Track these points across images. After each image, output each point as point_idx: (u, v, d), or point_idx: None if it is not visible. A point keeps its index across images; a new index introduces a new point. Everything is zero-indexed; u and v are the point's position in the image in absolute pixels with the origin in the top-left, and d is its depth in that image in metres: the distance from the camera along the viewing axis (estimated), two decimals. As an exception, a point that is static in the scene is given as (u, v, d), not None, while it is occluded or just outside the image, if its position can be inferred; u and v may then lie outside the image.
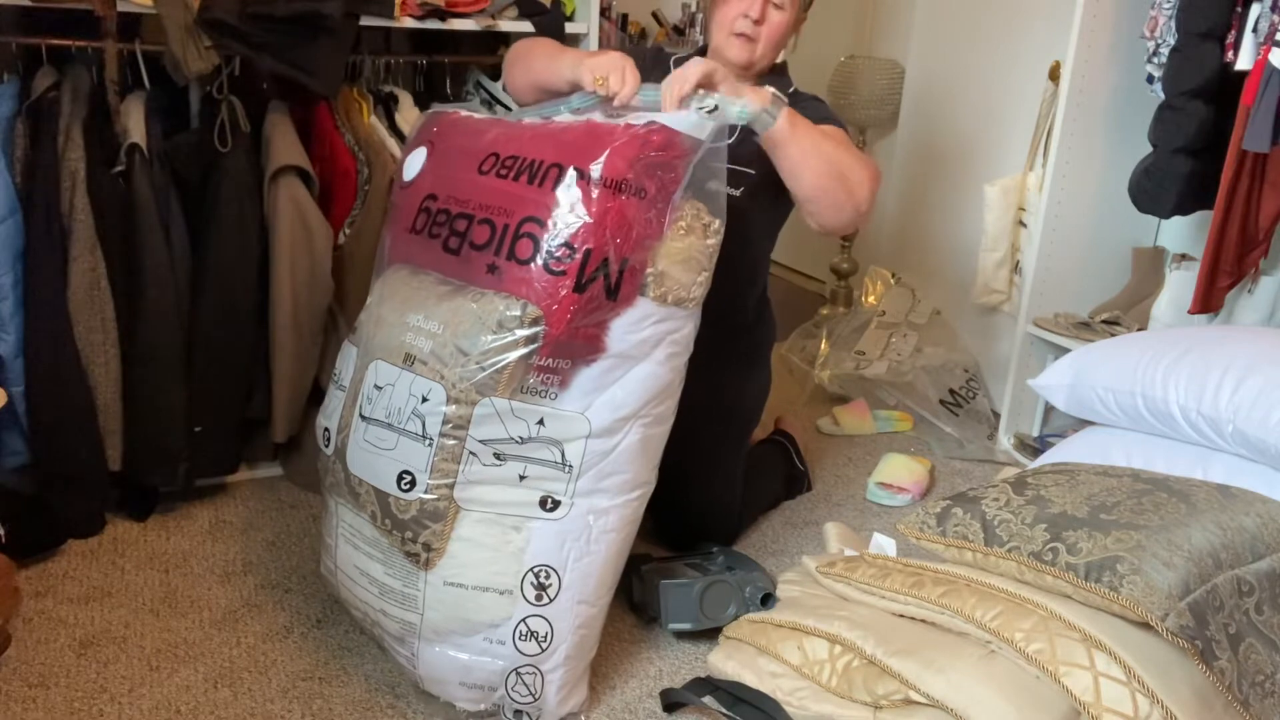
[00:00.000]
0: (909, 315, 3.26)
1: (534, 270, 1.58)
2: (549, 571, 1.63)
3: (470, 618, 1.62)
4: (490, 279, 1.61)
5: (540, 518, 1.62)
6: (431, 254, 1.72)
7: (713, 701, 1.73)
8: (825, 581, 1.79)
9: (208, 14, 2.01)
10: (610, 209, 1.58)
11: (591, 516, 1.65)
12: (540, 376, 1.58)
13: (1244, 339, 1.93)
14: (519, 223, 1.61)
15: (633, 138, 1.59)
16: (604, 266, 1.57)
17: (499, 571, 1.61)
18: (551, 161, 1.63)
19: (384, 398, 1.66)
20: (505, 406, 1.58)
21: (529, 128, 1.74)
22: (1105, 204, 2.66)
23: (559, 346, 1.57)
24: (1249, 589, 1.44)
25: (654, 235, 1.61)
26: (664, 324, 1.65)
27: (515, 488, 1.61)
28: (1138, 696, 1.35)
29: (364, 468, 1.66)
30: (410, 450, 1.60)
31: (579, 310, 1.57)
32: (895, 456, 2.65)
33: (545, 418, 1.59)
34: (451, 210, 1.71)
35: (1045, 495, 1.62)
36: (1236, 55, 2.17)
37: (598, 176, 1.58)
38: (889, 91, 3.39)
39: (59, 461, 2.07)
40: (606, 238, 1.57)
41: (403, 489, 1.61)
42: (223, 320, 2.16)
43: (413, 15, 2.26)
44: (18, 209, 1.98)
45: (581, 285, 1.57)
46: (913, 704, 1.50)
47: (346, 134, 2.28)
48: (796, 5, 1.99)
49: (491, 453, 1.59)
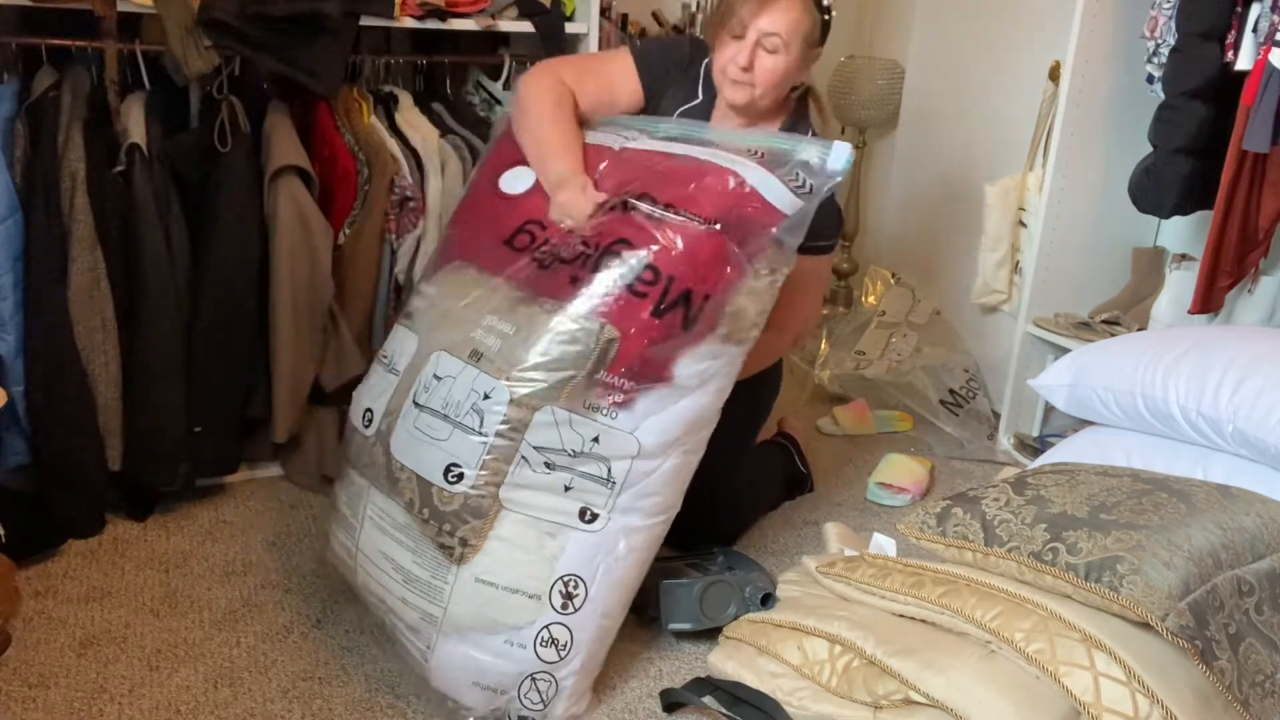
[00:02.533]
0: (909, 315, 3.26)
1: (616, 289, 1.62)
2: (578, 581, 1.64)
3: (496, 617, 1.62)
4: (570, 289, 1.64)
5: (578, 528, 1.63)
6: (511, 264, 1.74)
7: (713, 701, 1.73)
8: (825, 581, 1.79)
9: (208, 14, 2.01)
10: (702, 245, 1.63)
11: (624, 533, 1.67)
12: (604, 394, 1.61)
13: (1244, 339, 1.93)
14: (611, 242, 1.66)
15: (738, 185, 1.66)
16: (685, 298, 1.62)
17: (531, 575, 1.62)
18: (650, 191, 1.70)
19: (443, 389, 1.66)
20: (565, 417, 1.60)
21: (635, 156, 1.80)
22: (1105, 204, 2.66)
23: (629, 368, 1.61)
24: (1249, 589, 1.44)
25: (736, 278, 1.66)
26: (722, 359, 1.70)
27: (559, 496, 1.62)
28: (1138, 696, 1.34)
29: (410, 454, 1.66)
30: (463, 444, 1.61)
31: (654, 336, 1.61)
32: (895, 456, 2.65)
33: (600, 435, 1.62)
34: (553, 239, 1.75)
35: (1045, 495, 1.62)
36: (1236, 55, 2.17)
37: (691, 213, 1.64)
38: (889, 91, 3.38)
39: (59, 461, 2.07)
40: (693, 271, 1.62)
41: (449, 481, 1.61)
42: (223, 320, 2.15)
43: (413, 15, 2.25)
44: (18, 209, 1.98)
45: (660, 311, 1.61)
46: (913, 704, 1.50)
47: (346, 134, 2.28)
48: (799, 46, 1.88)
49: (543, 460, 1.61)
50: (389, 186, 2.27)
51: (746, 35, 1.86)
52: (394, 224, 2.31)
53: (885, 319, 3.25)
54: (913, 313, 3.26)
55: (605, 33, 2.61)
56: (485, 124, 2.53)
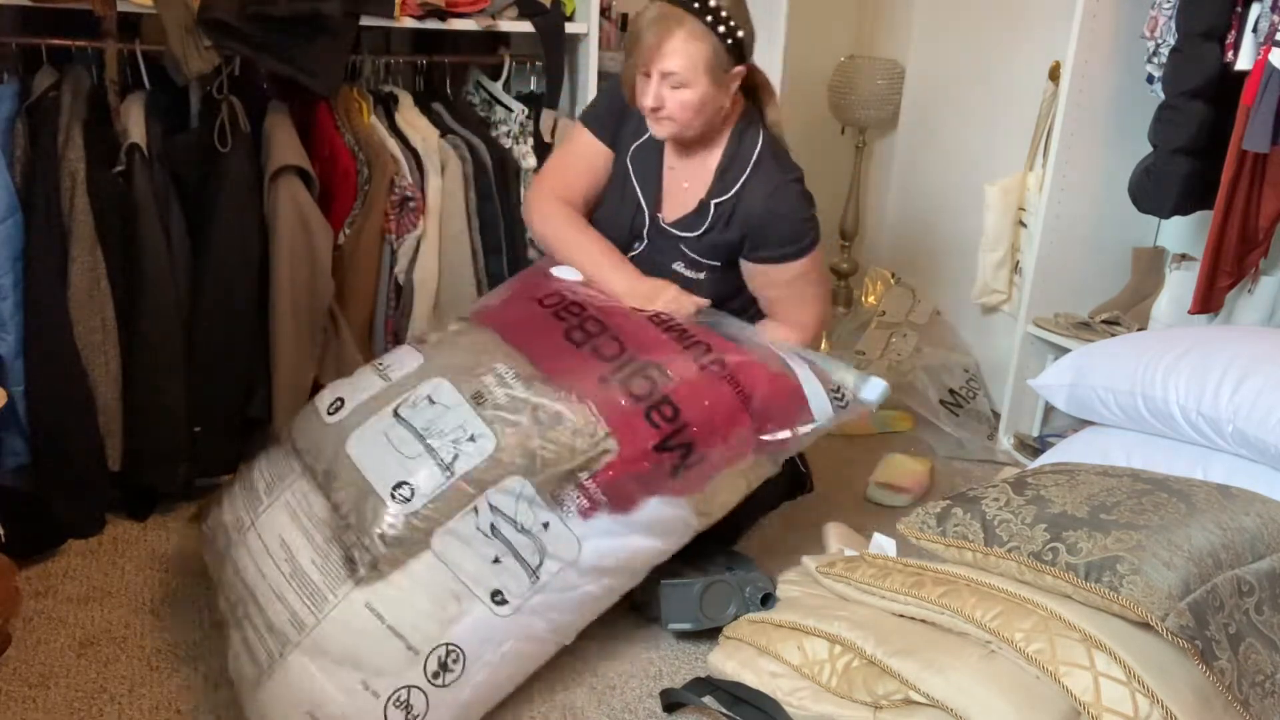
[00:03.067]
0: (909, 315, 3.26)
1: (635, 407, 1.65)
2: (460, 656, 1.57)
3: (365, 653, 1.52)
4: (594, 386, 1.67)
5: (485, 604, 1.59)
6: (536, 336, 1.76)
7: (713, 701, 1.73)
8: (825, 581, 1.79)
9: (208, 14, 2.01)
10: (727, 409, 1.68)
11: (521, 634, 1.63)
12: (575, 494, 1.63)
13: (1244, 339, 1.93)
14: (647, 363, 1.70)
15: (787, 377, 1.73)
16: (688, 448, 1.66)
17: (421, 627, 1.55)
18: (706, 340, 1.76)
19: (431, 413, 1.66)
20: (531, 494, 1.61)
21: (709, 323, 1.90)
22: (1105, 204, 2.66)
23: (608, 484, 1.63)
24: (1249, 589, 1.44)
25: (737, 456, 1.71)
26: (679, 525, 1.74)
27: (484, 565, 1.59)
28: (1138, 696, 1.34)
29: (368, 457, 1.63)
30: (426, 471, 1.59)
31: (645, 468, 1.65)
32: (895, 456, 2.65)
33: (552, 524, 1.62)
34: (587, 309, 1.80)
35: (1045, 495, 1.62)
36: (1236, 55, 2.17)
37: (731, 373, 1.70)
38: (889, 91, 3.38)
39: (59, 461, 2.07)
40: (708, 429, 1.67)
41: (394, 497, 1.58)
42: (223, 320, 2.15)
43: (413, 15, 2.25)
44: (18, 209, 1.98)
45: (662, 448, 1.65)
46: (913, 704, 1.50)
47: (346, 134, 2.28)
48: (705, 77, 1.81)
49: (490, 522, 1.59)
50: (389, 186, 2.27)
51: (651, 74, 1.83)
52: (394, 224, 2.31)
53: (885, 319, 3.25)
54: (913, 313, 3.26)
55: (605, 33, 2.61)
56: (485, 124, 2.53)
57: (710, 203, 1.97)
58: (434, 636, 1.55)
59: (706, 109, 1.87)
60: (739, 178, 1.94)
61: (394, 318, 2.38)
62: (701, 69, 1.81)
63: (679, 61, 1.80)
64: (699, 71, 1.81)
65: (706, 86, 1.83)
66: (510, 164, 2.45)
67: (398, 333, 2.38)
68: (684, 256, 2.02)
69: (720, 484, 1.74)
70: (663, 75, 1.82)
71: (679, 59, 1.80)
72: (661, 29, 1.79)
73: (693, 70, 1.81)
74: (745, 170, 1.94)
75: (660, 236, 2.04)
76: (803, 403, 1.76)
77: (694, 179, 1.99)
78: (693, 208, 1.99)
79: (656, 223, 2.04)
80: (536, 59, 2.51)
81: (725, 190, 1.95)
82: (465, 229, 2.39)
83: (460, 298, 2.39)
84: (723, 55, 1.82)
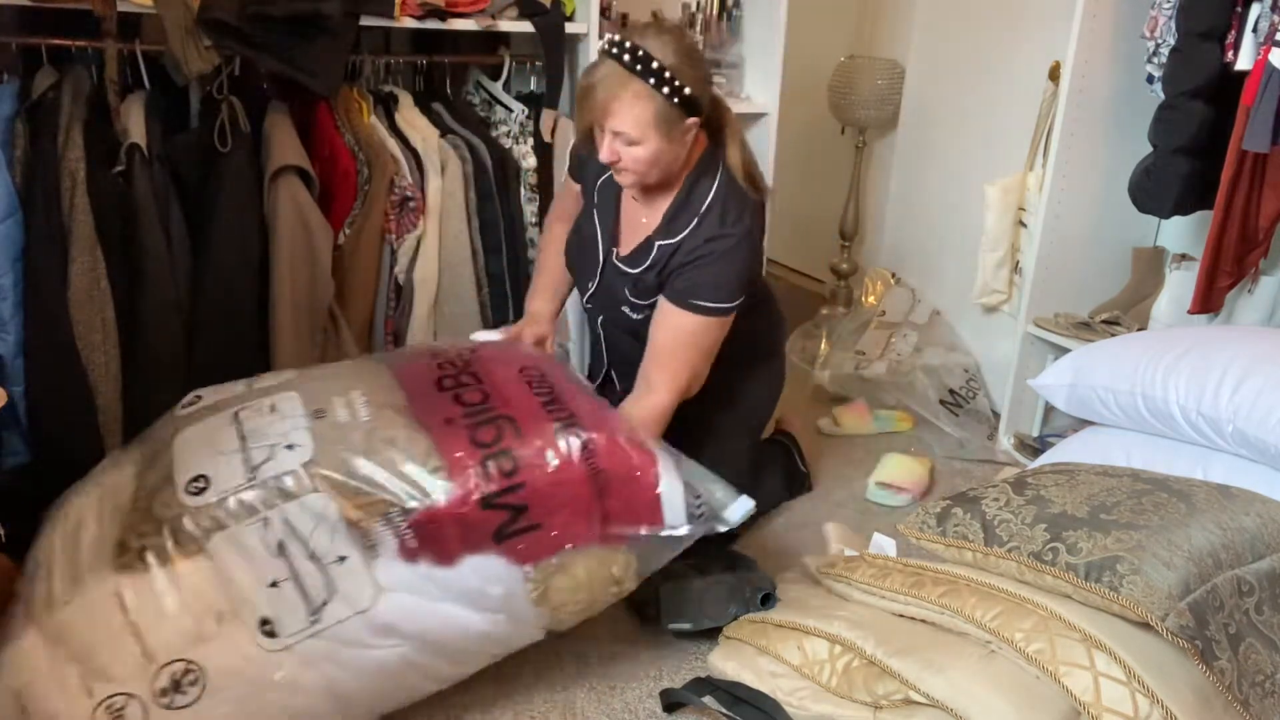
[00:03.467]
0: (909, 315, 3.26)
1: (471, 459, 1.52)
2: (200, 679, 1.38)
3: (96, 647, 1.38)
4: (439, 426, 1.56)
5: (249, 630, 1.41)
6: (415, 379, 1.69)
7: (713, 701, 1.73)
8: (825, 581, 1.79)
9: (208, 14, 2.01)
10: (572, 482, 1.54)
11: (288, 683, 1.43)
12: (384, 532, 1.47)
13: (1244, 339, 1.93)
14: (500, 415, 1.59)
15: (649, 469, 1.59)
16: (518, 512, 1.51)
17: (166, 633, 1.38)
18: (574, 409, 1.63)
19: (263, 419, 1.57)
20: (335, 520, 1.45)
21: (571, 383, 1.76)
22: (1105, 204, 2.66)
23: (421, 526, 1.48)
24: (1249, 589, 1.44)
25: (579, 540, 1.56)
26: (515, 600, 1.56)
27: (259, 586, 1.42)
28: (1138, 697, 1.34)
29: (185, 449, 1.55)
30: (228, 469, 1.48)
31: (465, 515, 1.49)
32: (895, 456, 2.65)
33: (350, 560, 1.45)
34: (472, 364, 1.73)
35: (1045, 495, 1.62)
36: (1236, 55, 2.17)
37: (586, 448, 1.56)
38: (889, 91, 3.39)
39: (59, 461, 2.07)
40: (545, 495, 1.53)
41: (188, 489, 1.46)
42: (223, 320, 2.15)
43: (413, 15, 2.26)
44: (18, 209, 1.98)
45: (487, 503, 1.50)
46: (913, 704, 1.50)
47: (346, 134, 2.28)
48: (655, 133, 1.80)
49: (278, 539, 1.43)
50: (389, 186, 2.28)
51: (605, 131, 1.83)
52: (394, 224, 2.31)
53: (885, 319, 3.25)
54: (913, 313, 3.26)
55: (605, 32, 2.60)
56: (485, 124, 2.53)
57: (655, 243, 1.96)
58: (175, 648, 1.38)
59: (661, 161, 1.86)
60: (685, 227, 1.93)
61: (394, 318, 2.38)
62: (649, 128, 1.80)
63: (626, 123, 1.79)
64: (647, 129, 1.80)
65: (657, 142, 1.82)
66: (510, 164, 2.45)
67: (398, 333, 2.38)
68: (627, 299, 2.01)
69: (562, 572, 1.57)
70: (614, 134, 1.82)
71: (626, 121, 1.79)
72: (607, 90, 1.78)
73: (640, 130, 1.80)
74: (692, 221, 1.92)
75: (613, 273, 2.04)
76: (655, 500, 1.59)
77: (651, 216, 1.99)
78: (640, 243, 1.99)
79: (610, 258, 2.04)
80: (536, 59, 2.51)
81: (671, 235, 1.94)
82: (465, 229, 2.39)
83: (460, 297, 2.39)
84: (670, 112, 1.80)
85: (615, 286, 2.04)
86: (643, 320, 2.01)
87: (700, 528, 1.62)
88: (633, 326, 2.03)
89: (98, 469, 1.69)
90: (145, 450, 1.63)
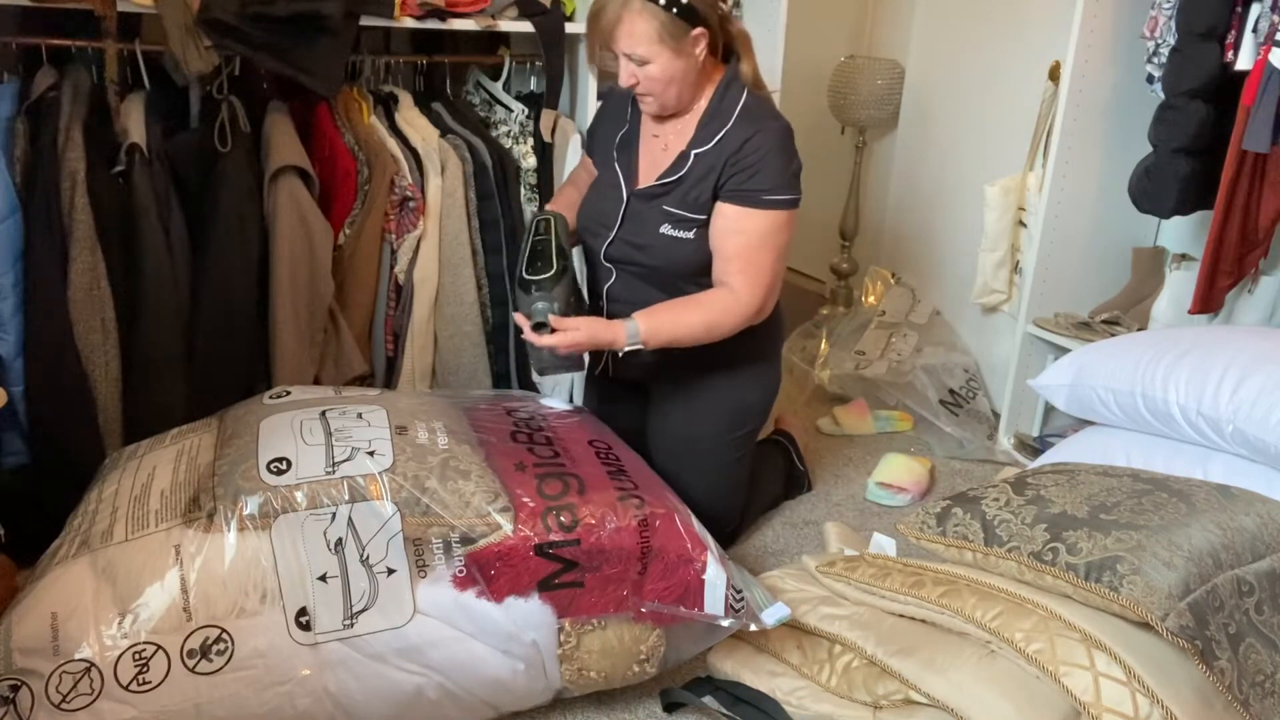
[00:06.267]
0: (909, 315, 3.26)
1: (537, 507, 1.59)
2: (227, 650, 1.43)
3: (144, 591, 1.42)
4: (510, 471, 1.64)
5: (285, 620, 1.46)
6: (490, 427, 1.78)
7: (713, 701, 1.73)
8: (825, 581, 1.79)
9: (208, 14, 2.01)
10: (624, 547, 1.60)
11: (307, 685, 1.47)
12: (440, 558, 1.53)
13: (1244, 339, 1.93)
14: (569, 472, 1.67)
15: (697, 558, 1.63)
16: (569, 566, 1.58)
17: (207, 597, 1.43)
18: (635, 480, 1.71)
19: (353, 424, 1.64)
20: (394, 532, 1.51)
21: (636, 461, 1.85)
22: (1105, 204, 2.66)
23: (475, 559, 1.54)
24: (1249, 589, 1.44)
25: (615, 608, 1.62)
26: (542, 660, 1.61)
27: (308, 576, 1.47)
28: (1138, 696, 1.35)
29: (271, 433, 1.62)
30: (312, 457, 1.56)
31: (516, 560, 1.56)
32: (895, 456, 2.65)
33: (399, 574, 1.51)
34: (545, 429, 1.81)
35: (1045, 495, 1.62)
36: (1236, 55, 2.17)
37: (644, 522, 1.62)
38: (889, 91, 3.39)
39: (59, 461, 2.07)
40: (597, 554, 1.59)
41: (269, 468, 1.53)
42: (223, 320, 2.15)
43: (413, 15, 2.25)
44: (18, 209, 1.98)
45: (542, 550, 1.57)
46: (913, 704, 1.50)
47: (346, 134, 2.28)
48: (664, 48, 1.85)
49: (338, 537, 1.49)
50: (389, 186, 2.27)
51: (618, 58, 1.89)
52: (394, 224, 2.31)
53: (885, 319, 3.25)
54: (913, 313, 3.26)
55: (605, 33, 2.60)
56: (485, 124, 2.53)
57: (690, 152, 1.96)
58: (214, 615, 1.43)
59: (676, 78, 1.91)
60: (721, 129, 1.94)
61: (394, 318, 2.38)
62: (655, 43, 1.85)
63: (632, 43, 1.85)
64: (654, 46, 1.85)
65: (668, 58, 1.87)
66: (510, 164, 2.45)
67: (397, 332, 2.38)
68: (669, 216, 1.99)
69: (595, 634, 1.63)
70: (626, 56, 1.87)
71: (631, 41, 1.85)
72: (611, 12, 1.85)
73: (648, 46, 1.85)
74: (728, 122, 1.94)
75: (641, 202, 2.02)
76: (700, 586, 1.62)
77: (676, 137, 2.01)
78: (672, 161, 1.99)
79: (634, 193, 2.03)
80: (536, 59, 2.51)
81: (707, 140, 1.95)
82: (465, 229, 2.39)
83: (460, 298, 2.39)
84: (674, 24, 1.85)
85: (648, 218, 2.01)
86: (695, 238, 1.97)
87: (735, 623, 1.65)
88: (677, 246, 1.99)
89: (171, 433, 1.79)
90: (225, 426, 1.71)
